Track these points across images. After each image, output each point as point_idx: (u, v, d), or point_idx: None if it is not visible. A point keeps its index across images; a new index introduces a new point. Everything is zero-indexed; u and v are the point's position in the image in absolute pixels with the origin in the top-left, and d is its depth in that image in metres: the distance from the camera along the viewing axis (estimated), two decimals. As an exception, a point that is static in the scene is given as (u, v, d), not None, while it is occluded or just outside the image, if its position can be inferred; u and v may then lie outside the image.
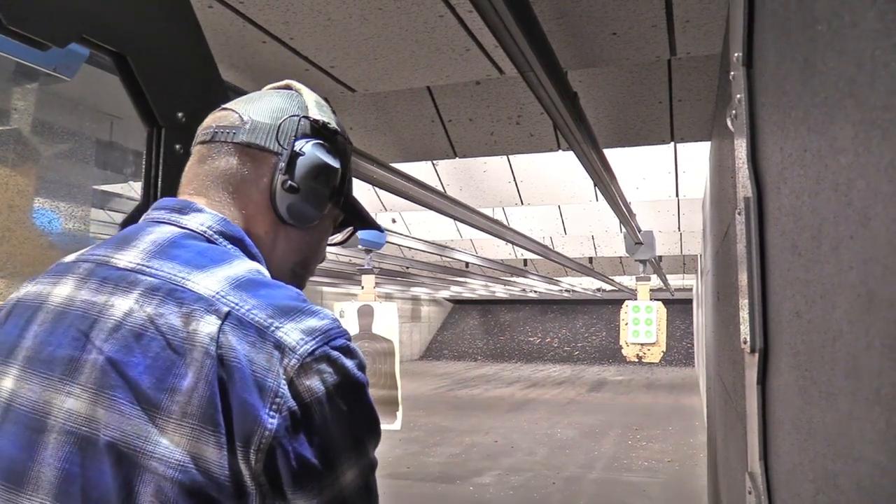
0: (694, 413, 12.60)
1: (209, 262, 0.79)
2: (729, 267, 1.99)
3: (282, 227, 0.90)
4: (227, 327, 0.72)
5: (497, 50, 2.26)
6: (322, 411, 0.73)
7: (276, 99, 0.93)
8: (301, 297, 0.80)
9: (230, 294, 0.75)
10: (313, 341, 0.74)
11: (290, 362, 0.72)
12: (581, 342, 27.48)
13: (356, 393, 0.77)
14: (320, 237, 0.97)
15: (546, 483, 7.52)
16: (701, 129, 3.25)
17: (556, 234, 7.63)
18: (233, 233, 0.86)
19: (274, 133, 0.89)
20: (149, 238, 0.82)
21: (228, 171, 0.88)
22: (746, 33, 1.00)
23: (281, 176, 0.88)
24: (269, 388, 0.70)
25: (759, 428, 0.95)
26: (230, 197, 0.88)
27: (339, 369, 0.75)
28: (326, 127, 0.92)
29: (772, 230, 0.85)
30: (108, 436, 0.70)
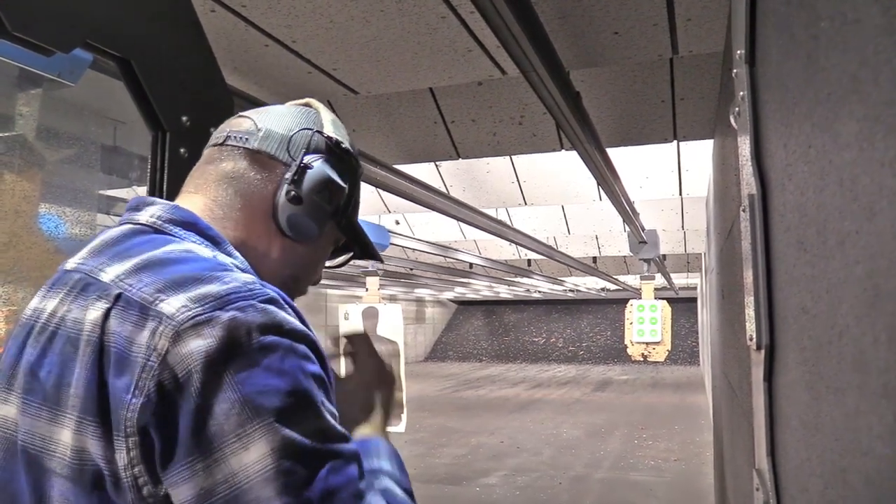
0: (699, 412, 12.58)
1: (133, 251, 0.76)
2: (733, 265, 1.99)
3: (278, 237, 0.89)
4: (114, 311, 0.69)
5: (499, 50, 2.27)
6: (200, 381, 0.64)
7: (293, 112, 0.93)
8: (217, 268, 0.74)
9: (129, 277, 0.72)
10: (199, 307, 0.67)
11: (163, 332, 0.66)
12: (586, 342, 27.46)
13: (254, 359, 0.66)
14: (316, 256, 0.95)
15: (552, 483, 7.52)
16: (703, 127, 3.25)
17: (560, 234, 7.63)
18: (183, 217, 0.83)
19: (286, 143, 0.89)
20: (100, 238, 0.81)
21: (235, 173, 0.88)
22: (749, 31, 1.00)
23: (287, 186, 0.87)
24: (140, 365, 0.65)
25: (765, 424, 0.95)
26: (231, 197, 0.87)
27: (229, 332, 0.66)
28: (339, 145, 0.92)
29: (777, 227, 0.86)
30: (22, 440, 0.70)
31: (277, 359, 0.68)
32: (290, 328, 0.71)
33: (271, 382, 0.66)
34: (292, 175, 0.87)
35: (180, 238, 0.80)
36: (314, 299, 19.23)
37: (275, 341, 0.68)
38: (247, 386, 0.65)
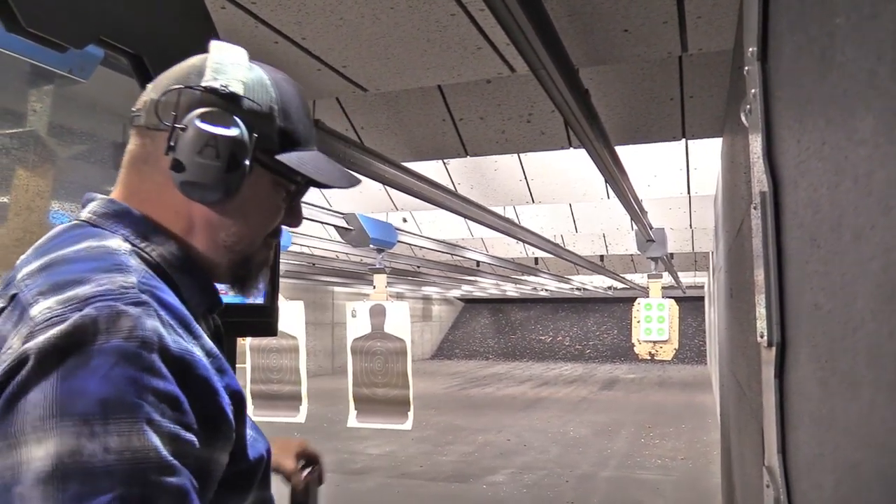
0: (707, 411, 12.55)
1: (53, 248, 0.76)
2: (742, 263, 1.98)
3: (194, 205, 0.85)
4: (6, 311, 0.71)
5: (508, 48, 2.26)
6: (29, 369, 0.63)
7: (176, 68, 0.88)
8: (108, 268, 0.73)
9: (31, 276, 0.72)
10: (60, 308, 0.67)
11: (22, 332, 0.66)
12: (593, 340, 27.43)
13: (88, 357, 0.64)
14: (254, 205, 0.88)
15: (559, 481, 7.51)
16: (713, 125, 3.24)
17: (568, 233, 7.62)
18: (114, 210, 0.83)
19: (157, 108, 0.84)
20: (44, 236, 0.82)
21: (135, 154, 0.86)
22: (761, 28, 1.00)
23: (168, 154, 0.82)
24: (1, 365, 0.65)
25: (776, 422, 0.95)
26: (137, 180, 0.85)
27: (73, 330, 0.65)
28: (217, 92, 0.83)
29: (789, 223, 0.85)
30: None
31: (108, 364, 0.64)
32: (142, 335, 0.67)
33: (89, 386, 0.63)
34: (167, 142, 0.82)
35: (110, 232, 0.80)
36: (320, 297, 19.27)
37: (115, 346, 0.65)
38: (65, 384, 0.63)
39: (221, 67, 0.86)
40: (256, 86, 0.87)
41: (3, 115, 1.56)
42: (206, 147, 0.81)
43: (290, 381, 5.77)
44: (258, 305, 1.59)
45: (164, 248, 0.83)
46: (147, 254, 0.81)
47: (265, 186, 0.89)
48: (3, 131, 1.54)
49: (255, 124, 0.85)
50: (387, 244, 5.93)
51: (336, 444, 9.53)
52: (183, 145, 0.81)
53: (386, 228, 5.89)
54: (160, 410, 0.66)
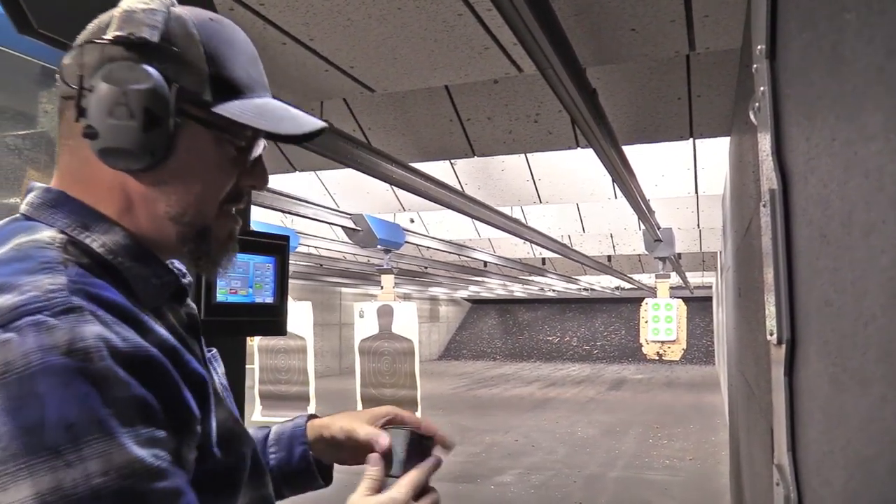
0: (715, 411, 12.51)
1: None
2: (751, 262, 1.98)
3: (125, 178, 0.74)
4: None
5: (516, 48, 2.27)
6: None
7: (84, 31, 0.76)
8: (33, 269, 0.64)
9: None
10: None
11: None
12: (600, 341, 27.38)
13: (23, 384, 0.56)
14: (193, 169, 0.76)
15: (567, 482, 7.50)
16: (720, 124, 3.24)
17: (575, 233, 7.62)
18: (48, 200, 0.74)
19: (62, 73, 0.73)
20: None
21: (61, 129, 0.76)
22: (770, 25, 1.00)
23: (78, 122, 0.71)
24: None
25: (786, 419, 0.95)
26: (67, 158, 0.76)
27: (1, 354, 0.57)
28: (125, 41, 0.71)
29: (798, 220, 0.85)
30: None
31: (57, 386, 0.57)
32: (84, 346, 0.59)
33: (45, 415, 0.56)
34: (76, 107, 0.71)
35: (45, 225, 0.71)
36: (328, 298, 19.31)
37: (57, 365, 0.58)
38: (16, 419, 0.55)
39: (131, 15, 0.73)
40: (175, 30, 0.74)
41: (15, 117, 1.57)
42: (116, 106, 0.70)
43: (298, 381, 5.79)
44: (268, 305, 1.60)
45: (107, 237, 0.73)
46: (88, 245, 0.71)
47: (205, 144, 0.76)
48: (14, 132, 1.55)
49: (175, 74, 0.73)
50: (394, 245, 5.94)
51: (344, 445, 9.52)
52: (92, 108, 0.70)
53: (393, 229, 5.90)
54: (130, 418, 0.60)
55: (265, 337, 5.65)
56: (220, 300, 1.50)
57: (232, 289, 1.52)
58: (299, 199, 4.65)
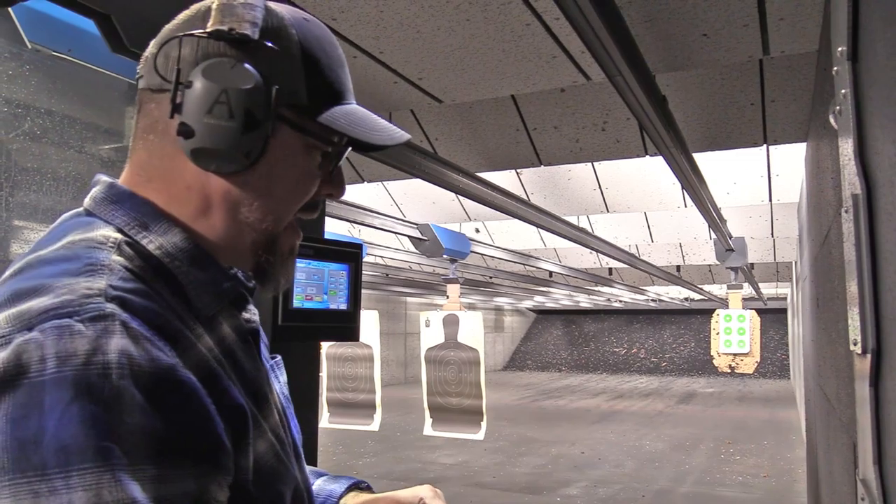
0: (791, 427, 12.08)
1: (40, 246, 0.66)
2: (830, 271, 1.92)
3: (210, 178, 0.71)
4: None
5: (584, 56, 2.26)
6: None
7: (178, 18, 0.73)
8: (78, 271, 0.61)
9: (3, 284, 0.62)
10: (7, 327, 0.55)
11: None
12: (669, 353, 26.79)
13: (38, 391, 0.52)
14: (278, 174, 0.73)
15: (636, 496, 7.36)
16: (796, 130, 3.14)
17: (643, 242, 7.50)
18: (113, 196, 0.70)
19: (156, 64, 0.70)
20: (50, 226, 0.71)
21: (141, 123, 0.72)
22: (851, 26, 0.98)
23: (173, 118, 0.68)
24: None
25: (872, 432, 0.92)
26: (144, 153, 0.72)
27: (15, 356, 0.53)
28: (226, 36, 0.69)
29: (884, 225, 0.83)
30: None
31: (64, 400, 0.52)
32: (103, 360, 0.54)
33: (44, 430, 0.51)
34: (171, 102, 0.68)
35: (104, 222, 0.68)
36: (393, 307, 19.49)
37: (70, 377, 0.52)
38: (14, 428, 0.51)
39: (231, 8, 0.70)
40: (275, 28, 0.71)
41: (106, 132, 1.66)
42: (216, 104, 0.68)
43: (365, 389, 5.86)
44: (341, 311, 1.64)
45: (164, 239, 0.69)
46: (144, 246, 0.68)
47: (294, 150, 0.73)
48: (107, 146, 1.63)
49: (273, 74, 0.70)
50: (460, 254, 5.96)
51: (409, 453, 9.60)
52: (189, 105, 0.68)
53: (459, 239, 5.92)
54: (136, 451, 0.54)
55: (334, 345, 5.75)
56: (297, 306, 1.54)
57: (308, 295, 1.56)
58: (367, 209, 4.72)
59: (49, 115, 1.48)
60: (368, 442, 10.10)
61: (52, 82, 1.50)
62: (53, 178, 1.46)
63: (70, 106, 1.53)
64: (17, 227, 1.44)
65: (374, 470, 8.53)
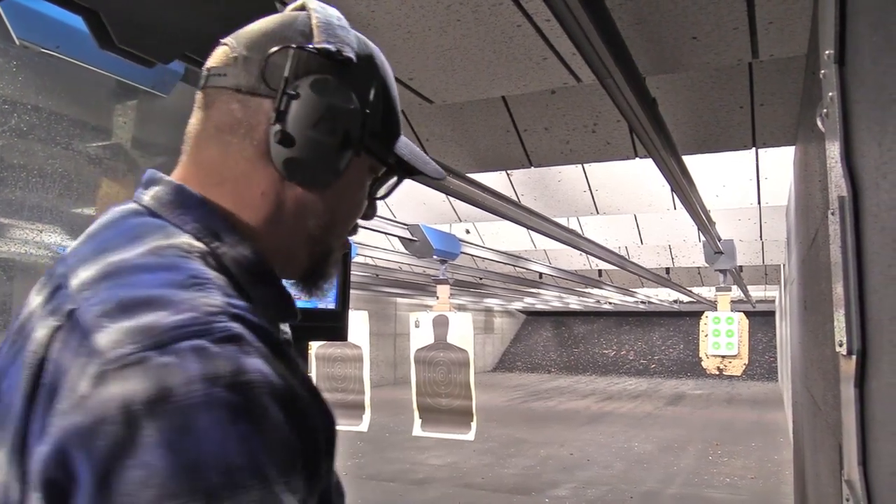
0: (778, 429, 12.14)
1: (113, 246, 0.64)
2: (817, 274, 1.93)
3: (288, 186, 0.72)
4: (61, 331, 0.58)
5: (574, 57, 2.27)
6: (112, 440, 0.50)
7: (274, 24, 0.73)
8: (184, 283, 0.60)
9: (90, 287, 0.60)
10: (132, 344, 0.54)
11: (89, 370, 0.53)
12: (658, 355, 26.88)
13: (185, 418, 0.51)
14: (348, 193, 0.76)
15: (624, 497, 7.38)
16: (785, 133, 3.16)
17: (632, 244, 7.53)
18: (184, 201, 0.69)
19: (263, 70, 0.70)
20: (101, 219, 0.70)
21: (218, 122, 0.72)
22: (838, 30, 0.99)
23: (273, 125, 0.69)
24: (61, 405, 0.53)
25: (856, 433, 0.92)
26: (218, 154, 0.72)
27: (156, 384, 0.51)
28: (333, 56, 0.71)
29: (870, 228, 0.84)
30: None
31: (219, 422, 0.52)
32: (247, 380, 0.54)
33: (204, 454, 0.51)
34: (276, 110, 0.69)
35: (174, 227, 0.67)
36: (383, 308, 19.46)
37: (220, 399, 0.52)
38: (172, 453, 0.50)
39: (329, 28, 0.72)
40: (367, 56, 0.75)
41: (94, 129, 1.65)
42: (321, 120, 0.70)
43: (354, 390, 5.85)
44: (330, 310, 1.63)
45: (236, 252, 0.69)
46: (220, 257, 0.67)
47: (363, 172, 0.77)
48: (94, 143, 1.62)
49: (364, 99, 0.73)
50: (450, 255, 5.96)
51: (398, 454, 9.59)
52: (294, 116, 0.69)
53: (449, 239, 5.92)
54: (283, 465, 0.55)
55: (324, 345, 5.74)
56: (285, 306, 1.53)
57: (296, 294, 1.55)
58: (357, 209, 4.71)
59: (36, 112, 1.47)
60: (357, 443, 10.08)
61: (40, 79, 1.50)
62: (40, 174, 1.45)
63: (57, 103, 1.52)
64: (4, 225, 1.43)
65: (363, 471, 8.52)
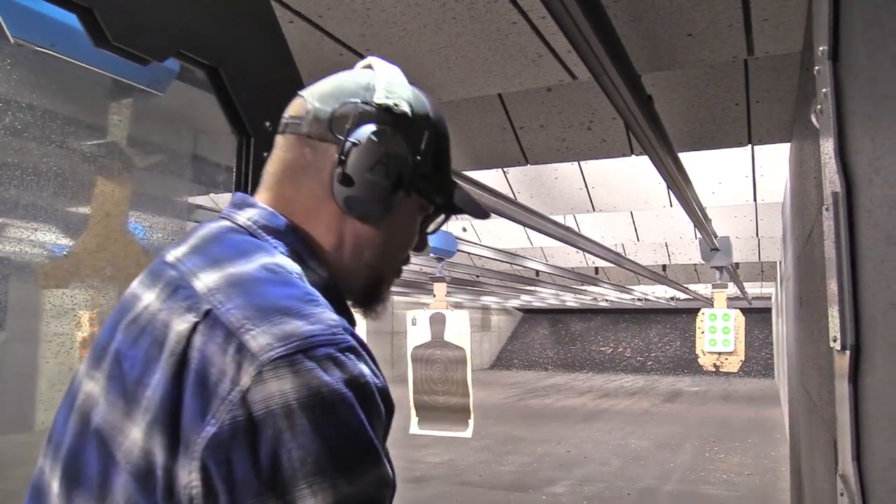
0: (775, 425, 12.17)
1: (228, 258, 0.76)
2: (812, 270, 1.93)
3: (348, 221, 0.85)
4: (201, 327, 0.70)
5: (570, 55, 2.27)
6: (273, 428, 0.64)
7: (343, 81, 0.87)
8: (305, 298, 0.73)
9: (220, 291, 0.72)
10: (283, 347, 0.67)
11: (248, 368, 0.66)
12: (654, 352, 26.92)
13: (330, 411, 0.66)
14: (400, 228, 0.90)
15: (621, 494, 7.40)
16: (780, 130, 3.17)
17: (629, 242, 7.53)
18: (276, 226, 0.83)
19: (331, 121, 0.84)
20: (200, 233, 0.82)
21: (293, 163, 0.86)
22: (832, 26, 0.99)
23: (337, 168, 0.83)
24: (219, 393, 0.66)
25: (850, 428, 0.93)
26: (292, 190, 0.85)
27: (306, 382, 0.66)
28: (391, 111, 0.84)
29: (863, 223, 0.84)
30: (96, 422, 0.73)
31: (349, 412, 0.67)
32: (365, 381, 0.70)
33: (343, 435, 0.67)
34: (339, 155, 0.82)
35: (272, 247, 0.80)
36: (381, 306, 19.42)
37: (349, 395, 0.68)
38: (322, 437, 0.65)
39: (390, 86, 0.87)
40: (419, 108, 0.88)
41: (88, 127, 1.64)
42: (378, 164, 0.83)
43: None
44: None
45: (317, 275, 0.82)
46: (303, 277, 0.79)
47: (413, 210, 0.90)
48: (89, 142, 1.62)
49: (416, 147, 0.87)
50: (447, 253, 5.96)
51: (395, 452, 9.53)
52: (354, 160, 0.82)
53: (446, 237, 5.92)
54: (382, 441, 0.73)
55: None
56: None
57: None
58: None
59: (31, 110, 1.47)
60: (355, 441, 10.07)
61: (35, 77, 1.49)
62: (35, 173, 1.45)
63: (52, 101, 1.52)
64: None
65: (360, 469, 8.50)
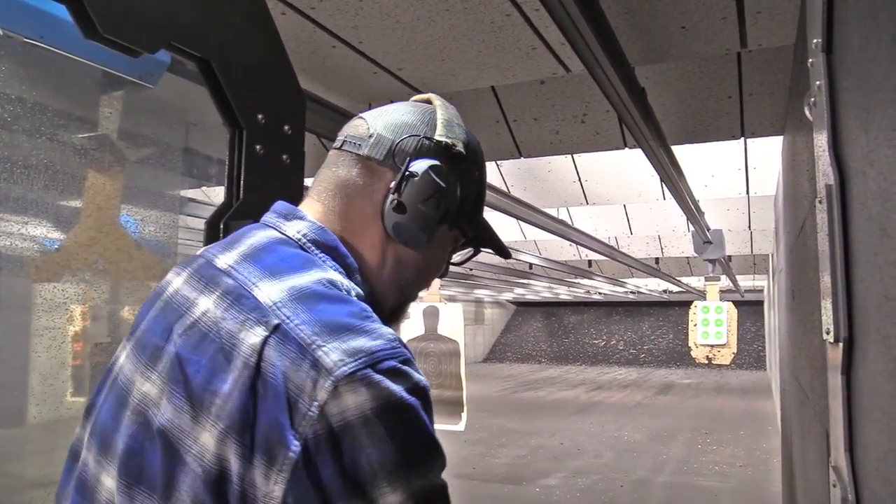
0: (766, 417, 12.24)
1: (284, 270, 0.80)
2: (805, 263, 1.94)
3: (391, 243, 0.91)
4: (272, 340, 0.73)
5: (563, 47, 2.26)
6: (353, 437, 0.70)
7: (406, 114, 0.93)
8: (362, 315, 0.78)
9: (286, 306, 0.76)
10: (354, 363, 0.72)
11: (324, 384, 0.70)
12: (647, 345, 27.01)
13: (400, 417, 0.72)
14: (434, 256, 0.96)
15: (614, 486, 7.43)
16: (773, 123, 3.17)
17: (622, 234, 7.54)
18: (326, 241, 0.87)
19: (392, 150, 0.90)
20: (249, 241, 0.85)
21: (348, 180, 0.90)
22: (826, 18, 0.99)
23: (392, 194, 0.88)
24: (300, 409, 0.70)
25: (843, 420, 0.93)
26: (343, 206, 0.90)
27: (378, 393, 0.71)
28: (448, 149, 0.91)
29: (857, 215, 0.84)
30: (161, 423, 0.75)
31: (416, 416, 0.73)
32: (423, 387, 0.76)
33: (413, 441, 0.73)
34: (396, 183, 0.88)
35: (322, 262, 0.84)
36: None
37: (413, 402, 0.74)
38: (395, 440, 0.71)
39: (450, 125, 0.93)
40: (472, 151, 0.95)
41: (79, 120, 1.63)
42: (431, 197, 0.88)
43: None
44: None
45: (359, 290, 0.85)
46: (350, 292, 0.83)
47: (447, 238, 0.97)
48: (80, 134, 1.61)
49: (464, 184, 0.93)
50: (440, 246, 5.94)
51: (389, 445, 9.59)
52: (410, 190, 0.88)
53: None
54: None
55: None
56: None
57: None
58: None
59: (20, 103, 1.46)
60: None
61: (24, 69, 1.48)
62: (25, 166, 1.43)
63: (42, 93, 1.50)
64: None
65: (354, 462, 8.51)
